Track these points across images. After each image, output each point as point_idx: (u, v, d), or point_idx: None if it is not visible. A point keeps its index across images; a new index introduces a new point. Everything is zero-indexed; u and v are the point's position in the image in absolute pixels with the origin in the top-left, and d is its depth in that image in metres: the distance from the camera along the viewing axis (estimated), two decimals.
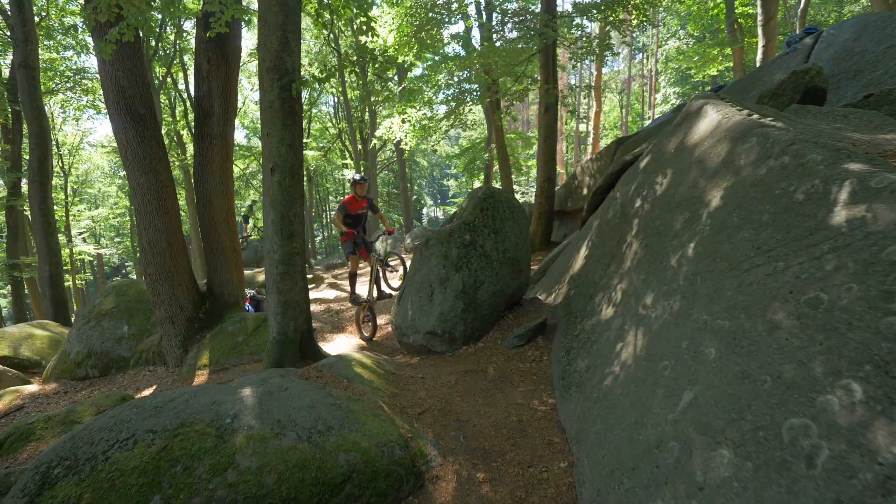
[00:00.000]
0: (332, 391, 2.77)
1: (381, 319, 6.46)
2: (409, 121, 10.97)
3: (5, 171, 12.47)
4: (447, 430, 2.83)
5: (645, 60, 38.62)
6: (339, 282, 11.53)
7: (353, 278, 5.89)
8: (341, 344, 5.73)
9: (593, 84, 10.99)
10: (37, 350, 7.77)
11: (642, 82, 39.39)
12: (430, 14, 8.89)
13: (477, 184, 29.95)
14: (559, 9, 9.55)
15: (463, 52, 12.93)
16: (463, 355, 3.81)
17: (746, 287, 1.78)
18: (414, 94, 11.84)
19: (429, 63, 12.86)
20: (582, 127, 35.27)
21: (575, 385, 2.82)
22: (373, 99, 20.13)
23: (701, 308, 1.97)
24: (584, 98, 33.70)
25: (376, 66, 5.43)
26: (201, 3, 3.35)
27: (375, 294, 5.70)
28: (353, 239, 5.52)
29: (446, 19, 10.95)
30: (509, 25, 9.57)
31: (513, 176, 20.47)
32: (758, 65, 10.50)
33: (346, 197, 5.56)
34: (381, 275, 5.80)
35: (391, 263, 6.08)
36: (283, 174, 3.84)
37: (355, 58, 6.86)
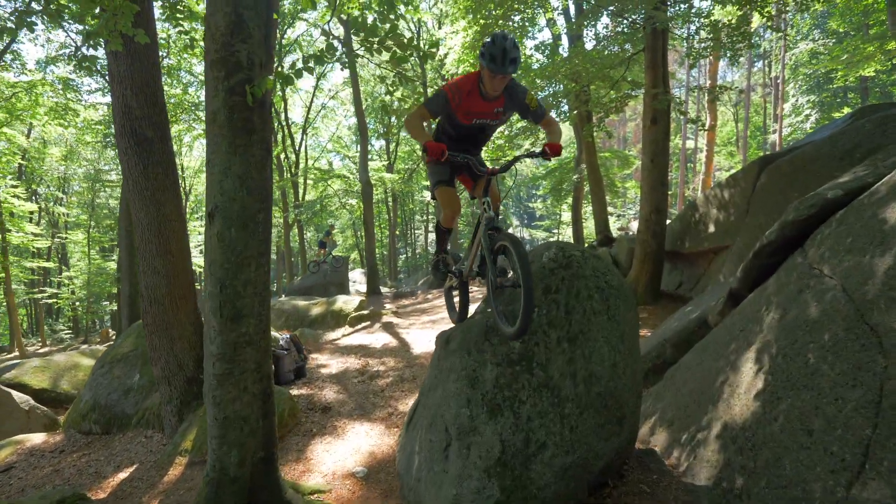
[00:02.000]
0: None
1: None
2: None
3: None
4: None
5: (767, 68, 33.36)
6: (399, 321, 10.25)
7: (442, 235, 3.41)
8: (351, 446, 4.15)
9: (707, 88, 8.72)
10: (77, 383, 7.44)
11: (764, 92, 34.03)
12: (506, 10, 7.36)
13: (565, 207, 27.48)
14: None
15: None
16: None
17: None
18: None
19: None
20: (688, 143, 31.12)
21: None
22: None
23: None
24: (693, 109, 29.75)
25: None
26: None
27: (475, 267, 2.91)
28: (443, 157, 2.50)
29: (528, 24, 9.35)
30: (606, 23, 7.70)
31: (607, 197, 18.01)
32: None
33: (456, 80, 2.74)
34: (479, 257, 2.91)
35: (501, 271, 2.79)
36: (228, 222, 2.48)
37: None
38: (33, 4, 3.32)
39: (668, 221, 7.86)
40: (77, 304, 26.26)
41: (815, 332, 2.20)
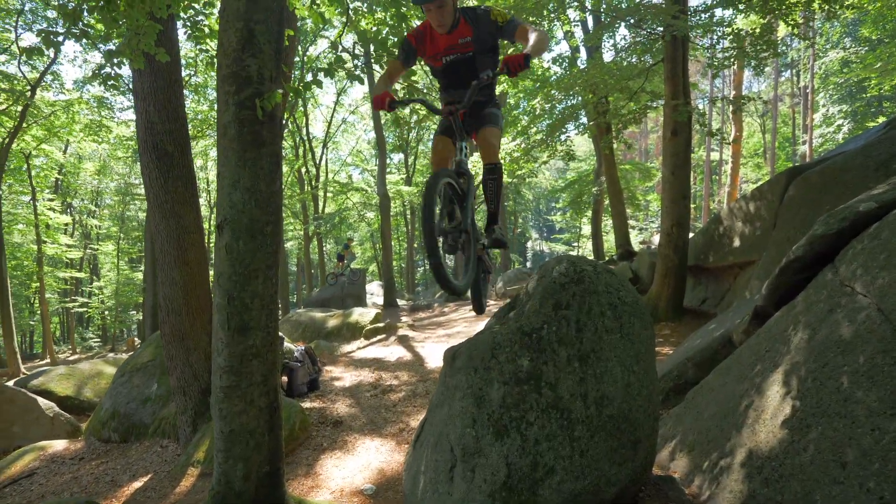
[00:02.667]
0: None
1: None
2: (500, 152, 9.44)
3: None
4: None
5: (795, 77, 32.51)
6: (414, 334, 10.19)
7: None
8: (361, 462, 4.07)
9: (730, 98, 8.45)
10: (99, 391, 7.59)
11: (792, 102, 33.13)
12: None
13: (585, 220, 27.13)
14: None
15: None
16: None
17: None
18: (509, 125, 10.38)
19: (526, 89, 11.32)
20: (713, 156, 30.44)
21: None
22: None
23: None
24: (717, 120, 29.18)
25: None
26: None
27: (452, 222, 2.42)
28: (387, 106, 2.37)
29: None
30: (624, 34, 7.62)
31: (628, 210, 17.69)
32: None
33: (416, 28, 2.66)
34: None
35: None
36: (236, 234, 2.49)
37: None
38: (60, 27, 3.48)
39: (690, 235, 7.63)
40: (106, 313, 27.11)
41: (848, 355, 2.05)
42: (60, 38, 3.18)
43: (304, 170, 22.95)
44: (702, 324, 6.21)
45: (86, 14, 3.52)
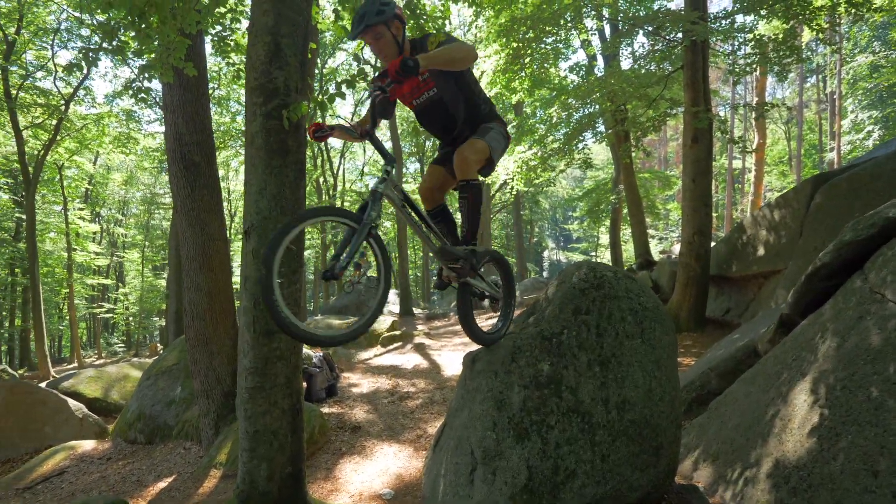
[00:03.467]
0: None
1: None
2: (516, 161, 9.49)
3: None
4: None
5: (821, 83, 31.76)
6: (430, 342, 10.21)
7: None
8: (379, 467, 4.10)
9: (753, 105, 8.26)
10: (125, 393, 7.81)
11: (818, 108, 32.32)
12: (539, 32, 7.40)
13: (603, 230, 26.84)
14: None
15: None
16: None
17: None
18: (525, 134, 10.41)
19: (543, 99, 11.34)
20: (736, 164, 29.87)
21: None
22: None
23: None
24: (739, 128, 28.67)
25: None
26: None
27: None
28: (315, 135, 2.22)
29: (561, 46, 9.38)
30: (643, 42, 7.60)
31: (647, 219, 17.45)
32: None
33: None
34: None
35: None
36: (263, 240, 2.57)
37: None
38: (100, 42, 3.67)
39: (712, 244, 7.50)
40: (130, 319, 27.87)
41: (879, 363, 2.00)
42: (98, 55, 3.35)
43: (321, 179, 23.36)
44: (724, 334, 6.08)
45: (120, 31, 3.71)
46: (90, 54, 3.26)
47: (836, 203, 5.26)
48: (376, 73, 2.42)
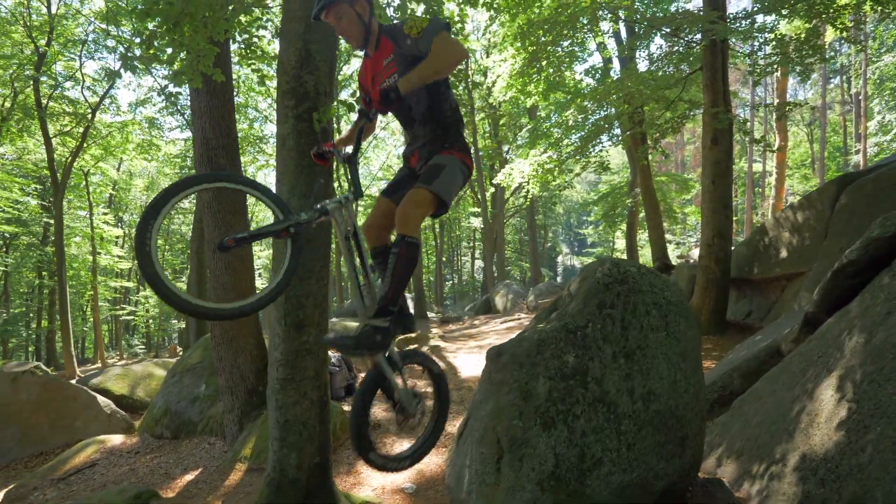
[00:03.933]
0: None
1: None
2: (531, 164, 9.52)
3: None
4: None
5: (845, 84, 31.03)
6: (445, 345, 10.26)
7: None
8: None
9: (774, 105, 8.14)
10: (150, 391, 8.02)
11: (843, 110, 31.57)
12: (555, 35, 7.45)
13: (619, 234, 26.59)
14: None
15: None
16: None
17: None
18: (540, 137, 10.44)
19: (558, 102, 11.37)
20: (756, 166, 29.33)
21: None
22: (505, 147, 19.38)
23: None
24: (759, 130, 28.16)
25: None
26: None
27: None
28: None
29: (577, 49, 9.42)
30: (660, 44, 7.59)
31: (665, 223, 17.24)
32: None
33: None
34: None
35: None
36: None
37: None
38: (136, 51, 3.85)
39: (732, 247, 7.41)
40: (150, 321, 28.48)
41: None
42: (135, 62, 3.51)
43: (336, 184, 23.70)
44: (746, 337, 6.00)
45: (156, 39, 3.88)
46: (129, 61, 3.42)
47: (862, 204, 5.17)
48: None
